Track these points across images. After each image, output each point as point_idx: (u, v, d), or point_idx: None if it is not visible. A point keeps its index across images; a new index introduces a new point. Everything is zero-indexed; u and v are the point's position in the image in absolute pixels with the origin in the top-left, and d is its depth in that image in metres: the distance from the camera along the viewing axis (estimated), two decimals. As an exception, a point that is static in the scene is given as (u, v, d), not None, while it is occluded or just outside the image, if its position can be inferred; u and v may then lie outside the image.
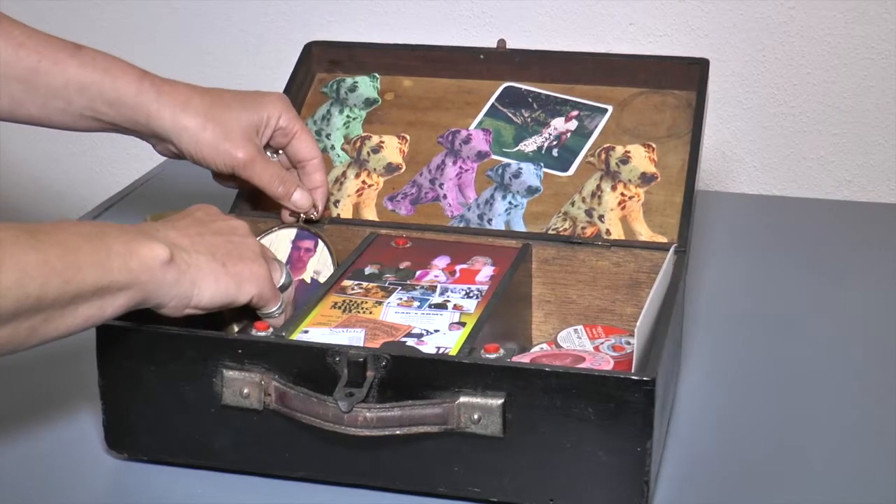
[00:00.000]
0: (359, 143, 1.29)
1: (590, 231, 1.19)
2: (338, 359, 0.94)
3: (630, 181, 1.21)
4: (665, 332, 0.98)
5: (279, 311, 1.03)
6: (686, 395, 1.13)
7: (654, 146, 1.23)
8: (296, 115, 1.19)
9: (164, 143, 1.16)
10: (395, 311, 1.06)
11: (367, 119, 1.31)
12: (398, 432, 0.93)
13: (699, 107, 1.24)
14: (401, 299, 1.08)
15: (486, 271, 1.13)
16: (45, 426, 1.07)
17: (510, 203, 1.22)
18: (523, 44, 1.34)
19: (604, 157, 1.24)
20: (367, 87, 1.32)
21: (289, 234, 1.18)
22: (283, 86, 1.33)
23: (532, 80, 1.30)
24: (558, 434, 0.92)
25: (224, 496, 0.98)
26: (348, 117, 1.31)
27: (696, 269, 1.35)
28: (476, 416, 0.93)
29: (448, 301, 1.08)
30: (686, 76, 1.26)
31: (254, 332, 1.00)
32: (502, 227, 1.22)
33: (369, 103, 1.31)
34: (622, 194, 1.21)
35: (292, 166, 1.21)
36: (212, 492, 0.98)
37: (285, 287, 1.05)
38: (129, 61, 1.16)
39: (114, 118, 1.14)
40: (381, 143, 1.28)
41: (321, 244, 1.17)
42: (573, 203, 1.21)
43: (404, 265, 1.15)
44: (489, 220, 1.22)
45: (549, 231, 1.20)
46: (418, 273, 1.13)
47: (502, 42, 1.32)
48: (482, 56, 1.31)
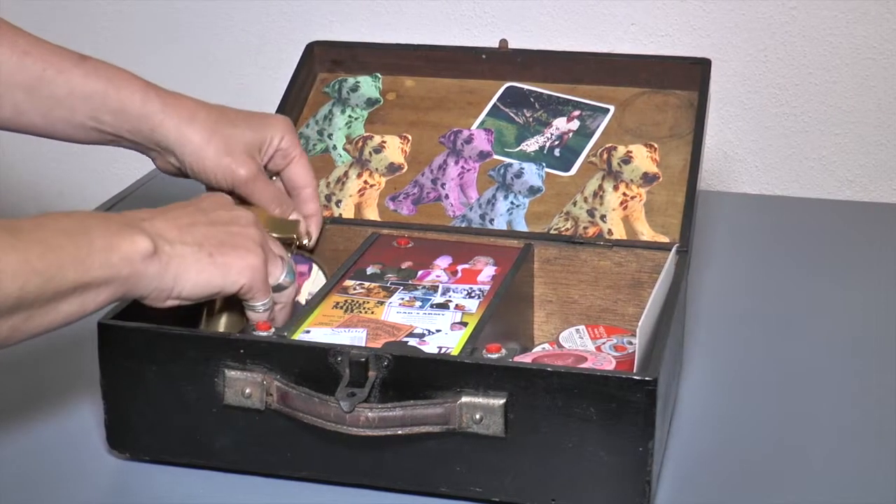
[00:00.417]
0: (360, 143, 1.29)
1: (592, 231, 1.19)
2: (340, 359, 0.94)
3: (632, 181, 1.21)
4: (667, 332, 0.98)
5: (263, 308, 1.01)
6: (688, 395, 1.13)
7: (655, 146, 1.23)
8: (297, 139, 1.18)
9: (166, 155, 1.15)
10: (396, 311, 1.06)
11: (368, 119, 1.31)
12: (400, 432, 0.93)
13: (701, 107, 1.24)
14: (402, 299, 1.08)
15: (487, 271, 1.13)
16: (46, 426, 1.07)
17: (512, 203, 1.22)
18: (525, 44, 1.34)
19: (605, 156, 1.24)
20: (368, 87, 1.32)
21: None
22: (284, 86, 1.33)
23: (534, 80, 1.30)
24: (560, 434, 0.92)
25: (226, 496, 0.98)
26: (350, 117, 1.31)
27: (697, 269, 1.35)
28: (478, 416, 0.93)
29: (450, 301, 1.08)
30: (688, 76, 1.26)
31: (255, 331, 1.00)
32: (504, 227, 1.22)
33: (371, 103, 1.31)
34: (624, 194, 1.21)
35: (287, 193, 1.20)
36: (213, 492, 0.98)
37: (283, 287, 1.04)
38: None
39: (117, 129, 1.14)
40: (383, 143, 1.28)
41: (315, 268, 1.17)
42: (575, 203, 1.21)
43: (406, 265, 1.15)
44: (491, 220, 1.22)
45: (551, 231, 1.20)
46: (420, 273, 1.13)
47: (504, 42, 1.32)
48: (484, 56, 1.31)
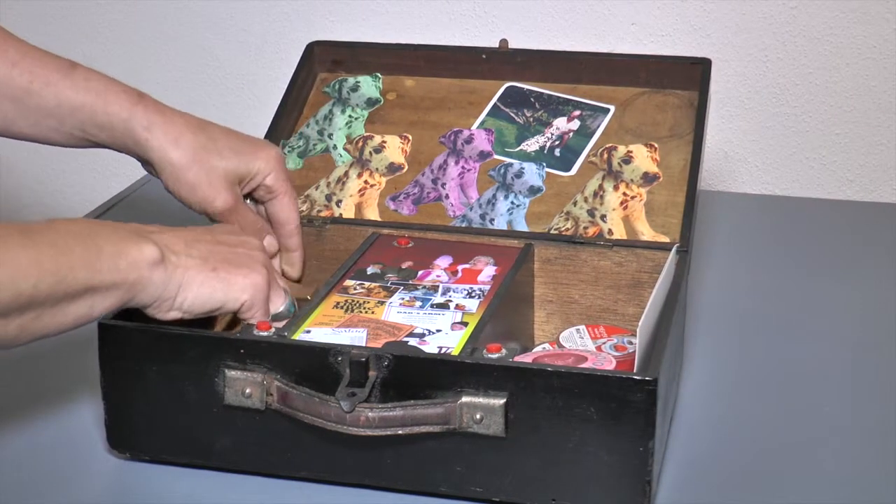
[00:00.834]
0: (361, 143, 1.29)
1: (592, 231, 1.19)
2: (340, 359, 0.94)
3: (632, 181, 1.21)
4: (667, 332, 0.98)
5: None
6: (688, 395, 1.13)
7: (656, 146, 1.23)
8: (286, 176, 1.15)
9: (149, 167, 1.16)
10: (397, 311, 1.06)
11: (369, 119, 1.31)
12: (400, 432, 0.93)
13: (701, 107, 1.24)
14: (403, 299, 1.08)
15: (488, 271, 1.13)
16: (47, 426, 1.07)
17: (512, 203, 1.22)
18: (525, 44, 1.34)
19: (606, 156, 1.24)
20: (369, 86, 1.32)
21: None
22: (284, 86, 1.33)
23: (534, 80, 1.30)
24: (560, 434, 0.92)
25: (226, 496, 0.98)
26: (350, 117, 1.31)
27: (698, 268, 1.35)
28: (478, 416, 0.93)
29: (450, 301, 1.08)
30: (688, 76, 1.26)
31: (256, 331, 1.00)
32: (504, 227, 1.22)
33: (371, 103, 1.31)
34: (624, 194, 1.21)
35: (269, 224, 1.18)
36: (213, 492, 0.98)
37: (283, 316, 1.04)
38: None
39: (104, 140, 1.14)
40: (384, 142, 1.28)
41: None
42: (575, 203, 1.21)
43: (406, 265, 1.15)
44: (491, 220, 1.22)
45: (552, 231, 1.20)
46: (420, 273, 1.13)
47: (504, 42, 1.31)
48: (484, 56, 1.31)
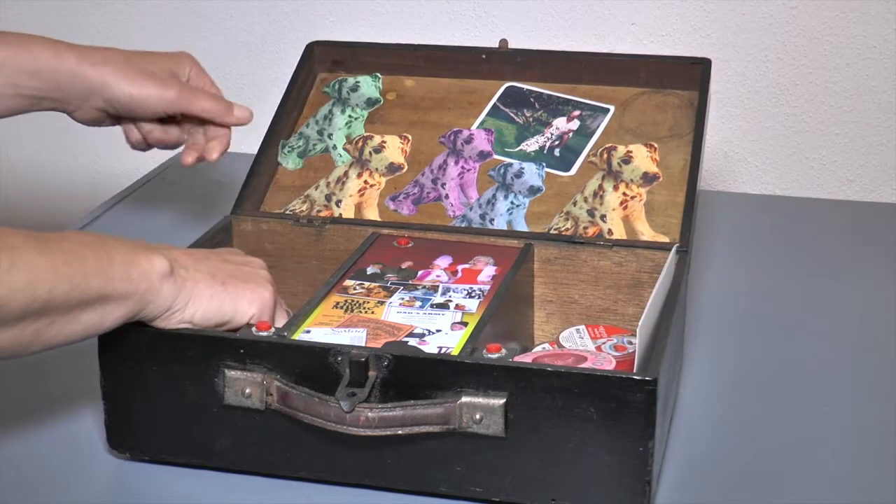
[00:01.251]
0: (361, 143, 1.29)
1: (592, 231, 1.19)
2: (340, 359, 0.94)
3: (632, 181, 1.21)
4: (667, 332, 0.98)
5: None
6: (688, 395, 1.13)
7: (655, 146, 1.23)
8: (203, 70, 1.23)
9: (90, 102, 1.18)
10: (397, 311, 1.06)
11: (369, 119, 1.31)
12: (400, 432, 0.93)
13: (701, 106, 1.24)
14: (403, 299, 1.08)
15: (487, 271, 1.13)
16: (47, 426, 1.07)
17: (512, 203, 1.22)
18: (525, 44, 1.34)
19: (606, 156, 1.24)
20: (369, 86, 1.32)
21: None
22: (284, 85, 1.33)
23: (534, 80, 1.30)
24: (560, 434, 0.92)
25: (225, 496, 0.98)
26: (350, 117, 1.31)
27: (697, 268, 1.35)
28: (478, 416, 0.93)
29: (450, 301, 1.08)
30: (688, 76, 1.26)
31: (256, 332, 1.00)
32: (504, 227, 1.22)
33: (371, 103, 1.31)
34: (624, 194, 1.21)
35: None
36: (213, 492, 0.98)
37: None
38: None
39: (37, 88, 1.16)
40: (384, 142, 1.28)
41: None
42: (575, 203, 1.21)
43: (406, 265, 1.15)
44: (491, 220, 1.22)
45: (552, 231, 1.20)
46: (420, 273, 1.13)
47: (504, 42, 1.31)
48: (484, 56, 1.31)
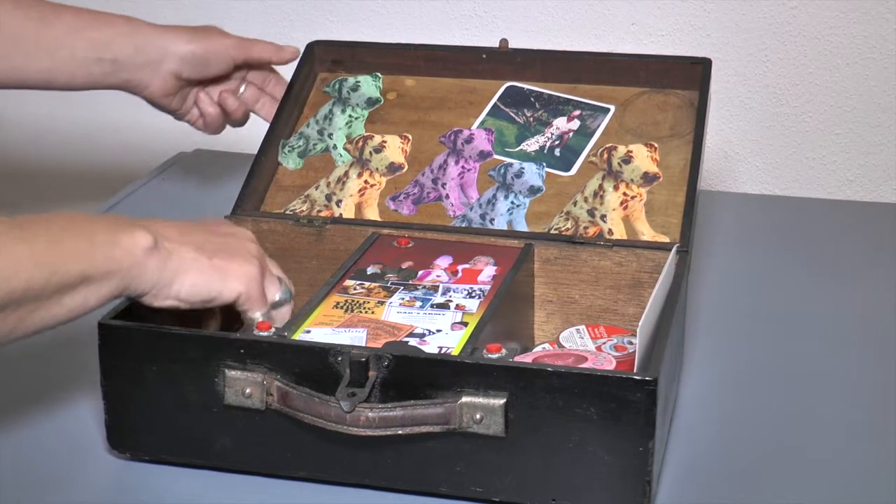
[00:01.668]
0: (361, 143, 1.29)
1: (592, 231, 1.19)
2: (340, 359, 0.94)
3: (632, 181, 1.21)
4: (667, 332, 0.98)
5: (262, 319, 1.01)
6: (688, 395, 1.13)
7: (656, 146, 1.23)
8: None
9: (164, 65, 1.29)
10: (397, 311, 1.06)
11: (369, 119, 1.31)
12: (400, 432, 0.93)
13: (701, 106, 1.24)
14: (403, 299, 1.08)
15: (488, 271, 1.13)
16: (47, 426, 1.07)
17: (512, 203, 1.22)
18: (525, 44, 1.34)
19: (606, 156, 1.24)
20: (369, 86, 1.32)
21: None
22: (285, 85, 1.33)
23: (534, 80, 1.30)
24: (560, 434, 0.92)
25: (226, 496, 0.98)
26: (350, 117, 1.31)
27: (698, 268, 1.35)
28: (478, 416, 0.93)
29: (450, 301, 1.08)
30: (688, 76, 1.26)
31: (256, 331, 1.00)
32: (504, 227, 1.22)
33: (371, 103, 1.31)
34: (624, 194, 1.21)
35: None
36: (214, 492, 0.98)
37: (280, 304, 1.03)
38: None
39: (116, 53, 1.27)
40: (384, 142, 1.28)
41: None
42: (575, 203, 1.21)
43: (406, 265, 1.15)
44: (491, 220, 1.22)
45: (552, 231, 1.20)
46: (420, 273, 1.13)
47: (504, 42, 1.31)
48: (484, 56, 1.31)
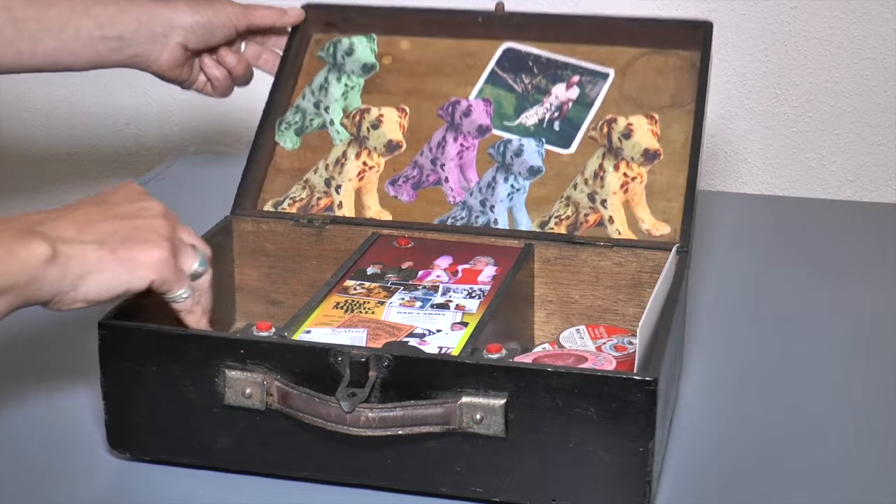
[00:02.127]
0: (358, 118, 1.27)
1: (592, 218, 1.19)
2: (340, 359, 0.94)
3: (633, 158, 1.21)
4: (667, 333, 0.98)
5: (185, 296, 0.98)
6: (688, 395, 1.13)
7: (656, 117, 1.22)
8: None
9: (170, 38, 1.28)
10: (397, 311, 1.06)
11: (365, 88, 1.29)
12: (400, 432, 0.93)
13: (703, 70, 1.21)
14: (403, 299, 1.08)
15: (488, 271, 1.13)
16: (47, 426, 1.07)
17: (512, 186, 1.22)
18: (522, 6, 1.30)
19: (606, 130, 1.22)
20: (364, 49, 1.30)
21: None
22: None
23: (531, 42, 1.28)
24: (560, 434, 0.92)
25: (226, 496, 0.98)
26: (346, 86, 1.29)
27: (698, 269, 1.35)
28: (478, 417, 0.93)
29: (450, 301, 1.08)
30: (689, 37, 1.23)
31: (256, 332, 1.00)
32: (505, 214, 1.21)
33: (367, 69, 1.29)
34: (625, 174, 1.20)
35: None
36: (214, 492, 0.98)
37: (198, 275, 1.00)
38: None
39: (121, 29, 1.26)
40: (381, 116, 1.27)
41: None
42: (575, 186, 1.21)
43: (406, 265, 1.15)
44: (492, 207, 1.21)
45: (553, 218, 1.20)
46: (420, 273, 1.13)
47: (500, 5, 1.28)
48: (480, 19, 1.29)
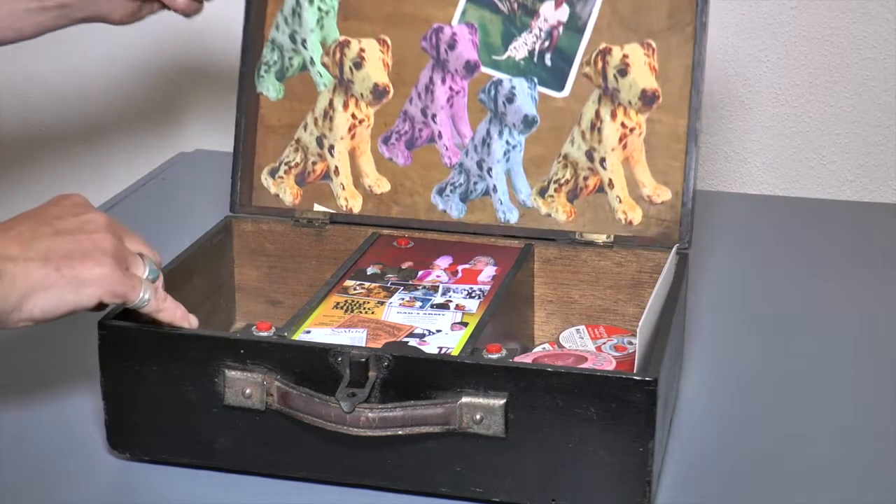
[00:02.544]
0: (338, 54, 1.24)
1: (592, 182, 1.17)
2: (340, 359, 0.94)
3: (630, 103, 1.17)
4: (667, 333, 0.98)
5: (146, 299, 0.96)
6: (688, 395, 1.13)
7: (654, 46, 1.17)
8: None
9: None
10: (397, 312, 1.06)
11: (340, 13, 1.24)
12: (400, 432, 0.93)
13: None
14: (403, 299, 1.08)
15: (488, 271, 1.13)
16: (47, 426, 1.07)
17: (507, 143, 1.20)
18: None
19: (600, 65, 1.18)
20: None
21: None
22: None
23: None
24: (560, 434, 0.92)
25: (226, 496, 0.98)
26: (320, 10, 1.24)
27: (698, 269, 1.35)
28: (478, 417, 0.93)
29: (450, 301, 1.08)
30: None
31: (256, 332, 1.00)
32: (503, 178, 1.19)
33: None
34: (623, 125, 1.17)
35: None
36: (214, 492, 0.98)
37: (151, 280, 0.98)
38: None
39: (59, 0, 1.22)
40: (362, 52, 1.23)
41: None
42: (573, 141, 1.18)
43: (406, 265, 1.15)
44: (489, 170, 1.20)
45: (552, 183, 1.18)
46: (420, 273, 1.13)
47: None
48: None
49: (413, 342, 1.01)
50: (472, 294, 1.09)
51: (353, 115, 1.23)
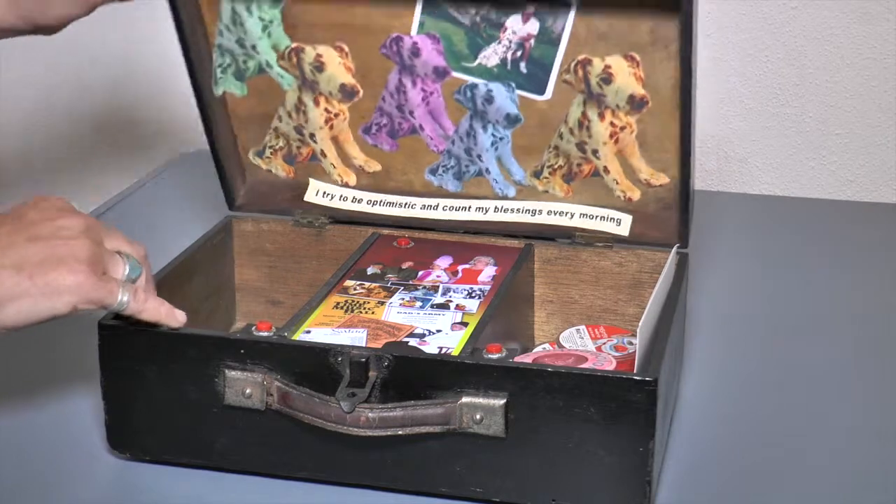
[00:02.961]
0: (295, 58, 1.17)
1: (587, 169, 1.17)
2: (340, 359, 0.94)
3: (618, 107, 1.10)
4: (667, 333, 0.98)
5: (125, 301, 0.94)
6: (688, 395, 1.13)
7: (637, 59, 1.09)
8: None
9: (42, 7, 1.09)
10: (397, 312, 1.06)
11: (285, 21, 1.16)
12: (400, 432, 0.93)
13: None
14: (403, 299, 1.08)
15: (488, 271, 1.13)
16: (47, 426, 1.07)
17: (493, 135, 1.16)
18: None
19: (581, 73, 1.11)
20: None
21: None
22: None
23: None
24: (560, 434, 0.92)
25: (226, 496, 0.98)
26: (261, 19, 1.15)
27: (698, 269, 1.35)
28: (478, 417, 0.93)
29: (450, 301, 1.08)
30: None
31: (256, 332, 1.00)
32: (494, 162, 1.18)
33: None
34: (612, 124, 1.12)
35: None
36: (214, 492, 0.98)
37: (132, 278, 0.97)
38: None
39: None
40: (320, 57, 1.16)
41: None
42: (561, 135, 1.14)
43: (406, 265, 1.15)
44: (479, 156, 1.18)
45: (546, 167, 1.17)
46: (420, 273, 1.13)
47: None
48: None
49: (413, 342, 1.01)
50: (473, 294, 1.09)
51: (327, 110, 1.19)
